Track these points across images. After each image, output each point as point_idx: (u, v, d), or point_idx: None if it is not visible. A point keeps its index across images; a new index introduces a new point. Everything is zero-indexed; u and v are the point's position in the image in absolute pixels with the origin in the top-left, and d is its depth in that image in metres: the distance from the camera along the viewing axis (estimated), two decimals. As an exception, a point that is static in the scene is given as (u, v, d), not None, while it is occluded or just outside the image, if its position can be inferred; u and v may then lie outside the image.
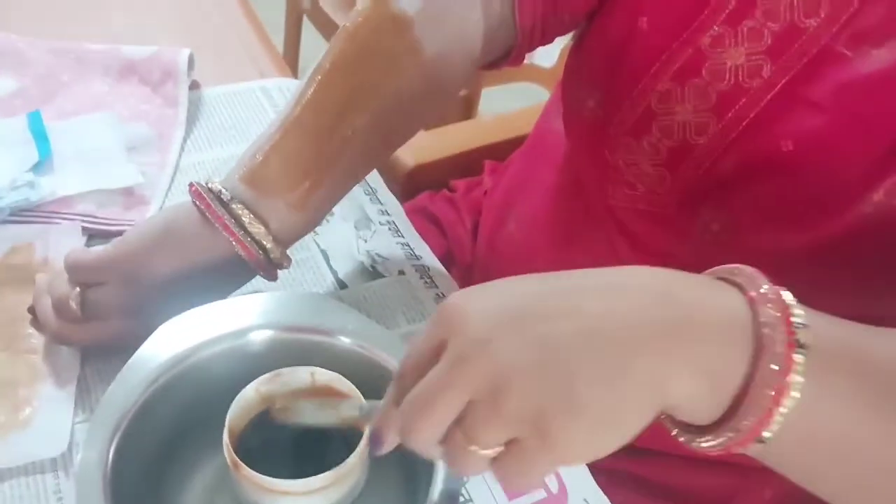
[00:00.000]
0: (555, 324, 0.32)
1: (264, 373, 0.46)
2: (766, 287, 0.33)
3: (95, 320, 0.52)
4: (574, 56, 0.63)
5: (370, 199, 0.71)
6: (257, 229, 0.52)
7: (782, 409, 0.31)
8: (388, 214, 0.70)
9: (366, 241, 0.67)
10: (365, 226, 0.68)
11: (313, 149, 0.53)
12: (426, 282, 0.63)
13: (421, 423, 0.34)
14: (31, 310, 0.53)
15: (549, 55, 1.71)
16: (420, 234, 0.70)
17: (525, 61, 0.64)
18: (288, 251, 0.54)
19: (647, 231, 0.57)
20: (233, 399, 0.45)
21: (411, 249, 0.67)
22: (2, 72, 0.73)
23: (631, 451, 0.59)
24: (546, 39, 0.60)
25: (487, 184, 0.84)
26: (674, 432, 0.36)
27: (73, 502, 0.47)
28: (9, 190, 0.59)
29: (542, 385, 0.31)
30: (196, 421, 0.48)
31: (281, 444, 0.46)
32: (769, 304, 0.32)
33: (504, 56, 0.61)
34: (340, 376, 0.46)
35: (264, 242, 0.52)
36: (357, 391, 0.46)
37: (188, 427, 0.48)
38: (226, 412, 0.44)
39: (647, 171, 0.54)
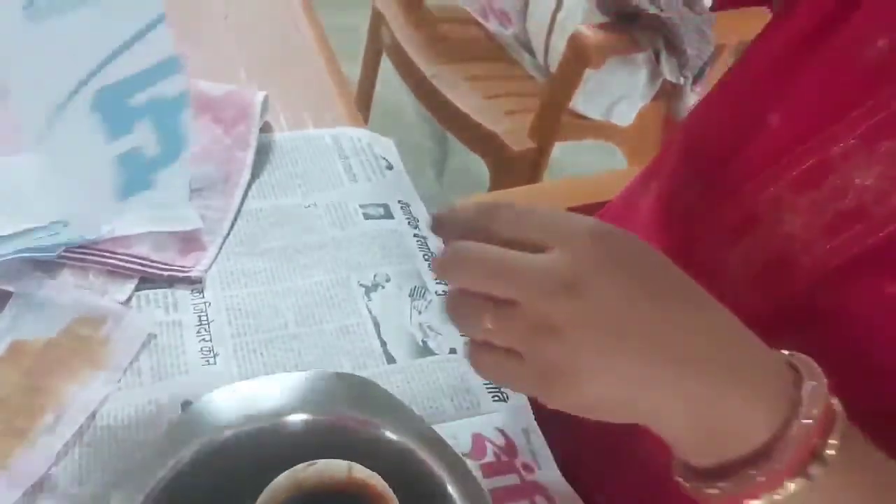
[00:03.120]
0: (637, 311, 0.35)
1: (299, 459, 0.44)
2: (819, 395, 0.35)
3: None
4: (689, 132, 0.59)
5: (429, 266, 0.69)
6: None
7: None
8: (446, 284, 0.67)
9: (420, 313, 0.64)
10: (420, 295, 0.66)
11: None
12: (478, 365, 0.60)
13: (476, 273, 0.36)
14: None
15: (627, 115, 1.68)
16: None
17: (601, 118, 0.60)
18: (339, 314, 0.52)
19: None
20: (263, 484, 0.43)
21: (466, 326, 0.64)
22: (78, 98, 0.73)
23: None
24: None
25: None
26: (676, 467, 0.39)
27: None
28: (64, 226, 0.58)
29: (581, 341, 0.34)
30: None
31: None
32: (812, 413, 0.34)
33: None
34: (378, 476, 0.43)
35: None
36: (391, 492, 0.43)
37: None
38: (255, 497, 0.42)
39: (736, 279, 0.50)
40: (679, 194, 0.56)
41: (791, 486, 0.34)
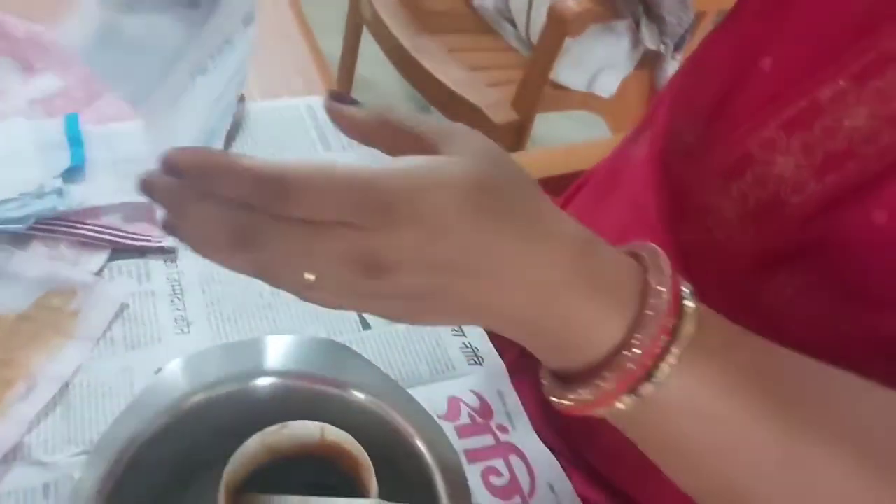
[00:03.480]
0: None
1: (272, 422, 0.44)
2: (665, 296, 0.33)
3: None
4: (683, 82, 0.60)
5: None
6: None
7: (619, 405, 0.33)
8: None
9: (396, 279, 0.64)
10: (397, 262, 0.65)
11: None
12: (453, 329, 0.60)
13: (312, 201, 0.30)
14: None
15: (610, 85, 1.67)
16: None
17: (584, 89, 0.61)
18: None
19: (714, 289, 0.53)
20: (235, 446, 0.43)
21: (443, 292, 0.64)
22: (47, 70, 0.72)
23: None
24: None
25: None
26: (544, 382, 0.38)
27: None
28: (35, 197, 0.58)
29: (395, 310, 0.33)
30: (196, 466, 0.45)
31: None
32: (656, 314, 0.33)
33: None
34: (350, 437, 0.43)
35: None
36: (364, 453, 0.43)
37: (187, 472, 0.46)
38: (227, 459, 0.42)
39: (729, 219, 0.50)
40: (673, 143, 0.56)
41: (625, 401, 0.33)
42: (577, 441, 0.63)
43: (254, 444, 0.43)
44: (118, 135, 0.66)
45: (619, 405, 0.34)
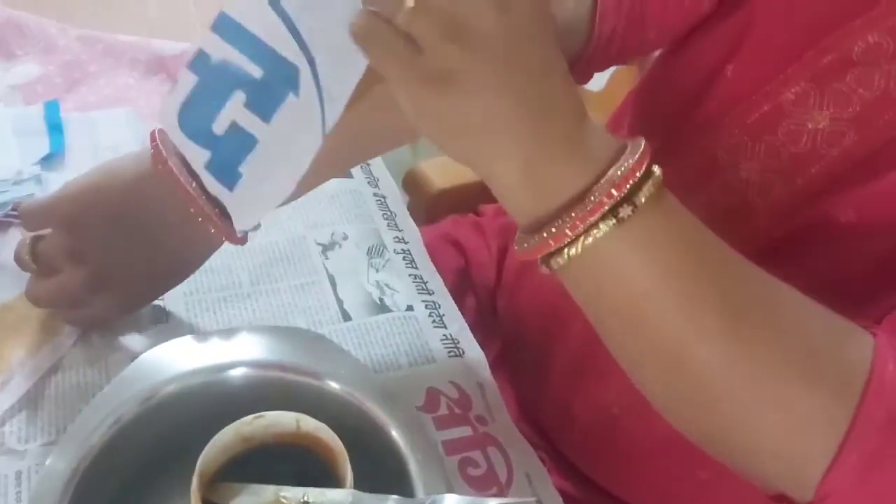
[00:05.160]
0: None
1: (248, 411, 0.44)
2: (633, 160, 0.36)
3: (50, 272, 0.50)
4: (646, 90, 0.60)
5: (388, 225, 0.68)
6: None
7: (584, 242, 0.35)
8: (405, 242, 0.67)
9: (377, 271, 0.64)
10: (378, 253, 0.65)
11: None
12: (434, 320, 0.60)
13: None
14: None
15: (599, 79, 1.67)
16: (437, 255, 0.67)
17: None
18: (295, 273, 0.51)
19: None
20: (210, 437, 0.42)
21: (423, 283, 0.64)
22: (27, 56, 0.72)
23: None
24: (622, 56, 0.56)
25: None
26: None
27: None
28: (12, 184, 0.57)
29: (480, 59, 0.35)
30: (170, 456, 0.45)
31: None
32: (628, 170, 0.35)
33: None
34: (326, 427, 0.43)
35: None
36: (340, 443, 0.43)
37: (161, 461, 0.45)
38: (202, 449, 0.42)
39: None
40: None
41: (602, 228, 0.35)
42: (553, 435, 0.63)
43: (229, 434, 0.43)
44: (99, 122, 0.66)
45: (599, 231, 0.35)
